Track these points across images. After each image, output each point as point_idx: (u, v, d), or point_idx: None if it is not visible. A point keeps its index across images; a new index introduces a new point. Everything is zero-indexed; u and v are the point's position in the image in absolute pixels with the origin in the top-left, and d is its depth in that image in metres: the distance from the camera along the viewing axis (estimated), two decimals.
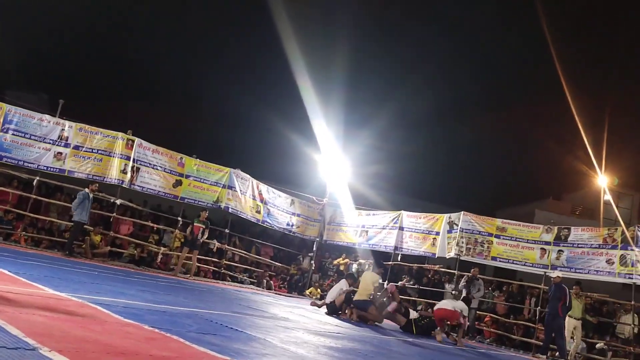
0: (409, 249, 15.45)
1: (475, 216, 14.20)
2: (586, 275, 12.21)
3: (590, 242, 12.28)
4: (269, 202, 16.20)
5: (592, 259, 12.15)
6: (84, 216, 11.82)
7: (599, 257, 12.04)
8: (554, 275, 11.26)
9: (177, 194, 14.07)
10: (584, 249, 12.31)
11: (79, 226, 11.91)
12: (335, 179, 17.95)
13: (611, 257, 11.80)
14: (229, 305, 8.46)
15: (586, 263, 12.23)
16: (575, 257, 12.41)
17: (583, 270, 12.23)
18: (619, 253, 11.70)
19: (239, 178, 15.22)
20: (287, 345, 5.00)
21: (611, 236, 11.97)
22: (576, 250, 12.45)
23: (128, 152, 13.17)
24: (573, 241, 12.55)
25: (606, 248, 11.96)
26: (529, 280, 14.09)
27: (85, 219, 11.92)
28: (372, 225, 16.60)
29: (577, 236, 12.55)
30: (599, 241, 12.14)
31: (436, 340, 9.63)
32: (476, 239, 13.94)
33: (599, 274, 12.02)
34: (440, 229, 14.76)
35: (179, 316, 5.44)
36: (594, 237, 12.30)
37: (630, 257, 11.48)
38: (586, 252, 12.28)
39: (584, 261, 12.28)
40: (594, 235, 12.32)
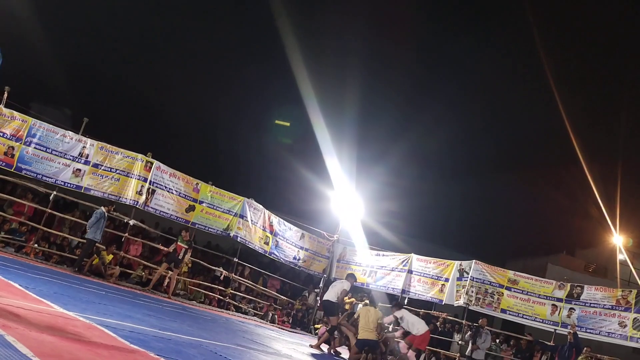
0: (417, 293, 15.24)
1: (487, 266, 14.02)
2: (597, 337, 11.93)
3: (603, 302, 12.04)
4: (279, 234, 16.16)
5: (604, 319, 11.90)
6: (98, 235, 11.88)
7: (611, 319, 11.78)
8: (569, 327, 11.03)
9: (189, 219, 14.11)
10: (597, 309, 12.07)
11: (92, 244, 11.95)
12: (347, 216, 17.92)
13: (624, 319, 11.54)
14: (233, 337, 8.37)
15: (598, 324, 11.98)
16: (587, 317, 12.17)
17: (594, 330, 11.97)
18: (632, 316, 11.45)
19: (252, 208, 15.25)
20: None
21: (625, 298, 11.73)
22: (588, 310, 12.21)
23: (146, 174, 13.29)
24: (585, 300, 12.31)
25: (619, 310, 11.71)
26: (537, 336, 13.79)
27: (99, 238, 11.98)
28: (381, 266, 16.44)
29: (590, 295, 12.32)
30: (612, 302, 11.90)
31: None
32: (486, 289, 13.73)
33: (610, 336, 11.75)
34: (450, 276, 14.58)
35: (184, 345, 5.39)
36: (607, 297, 12.06)
37: None
38: (598, 312, 12.03)
39: (596, 321, 12.03)
40: (607, 296, 12.09)
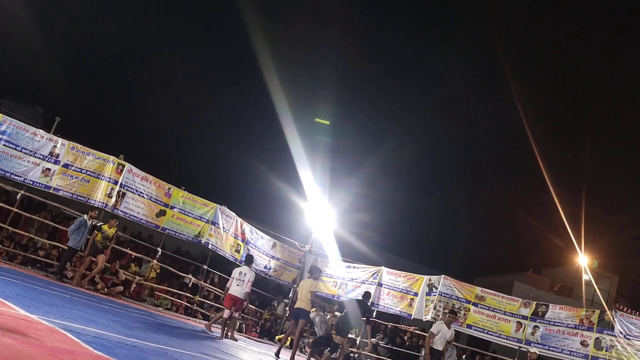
0: (386, 306, 15.29)
1: (455, 281, 14.18)
2: (559, 354, 12.13)
3: (567, 321, 12.27)
4: (251, 242, 16.05)
5: (567, 338, 12.12)
6: (79, 242, 11.69)
7: (574, 338, 12.01)
8: (532, 350, 11.21)
9: (160, 224, 13.92)
10: (560, 328, 12.29)
11: (72, 252, 11.76)
12: (319, 226, 17.93)
13: (586, 339, 11.78)
14: (199, 345, 8.26)
15: (561, 342, 12.19)
16: (551, 335, 12.37)
17: (557, 349, 12.17)
18: (594, 336, 11.69)
19: (224, 215, 15.14)
20: None
21: (588, 318, 11.98)
22: (552, 328, 12.42)
23: (117, 177, 13.09)
24: (550, 318, 12.53)
25: (582, 329, 11.95)
26: (502, 353, 13.96)
27: (79, 246, 11.77)
28: (352, 279, 16.45)
29: (554, 314, 12.55)
30: (576, 321, 12.14)
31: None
32: (454, 304, 13.86)
33: (572, 355, 11.95)
34: (419, 290, 14.67)
35: (149, 352, 5.30)
36: (571, 316, 12.30)
37: (605, 341, 11.47)
38: (562, 330, 12.26)
39: (559, 340, 12.23)
40: (571, 315, 12.33)
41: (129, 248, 14.24)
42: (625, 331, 11.34)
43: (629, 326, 11.38)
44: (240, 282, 11.13)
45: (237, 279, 11.16)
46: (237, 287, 11.10)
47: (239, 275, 11.20)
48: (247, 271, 11.31)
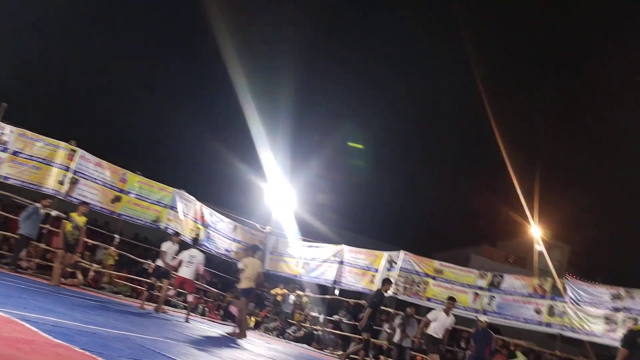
0: (348, 284, 15.50)
1: (414, 256, 14.49)
2: (515, 322, 12.62)
3: (521, 290, 12.75)
4: (211, 226, 15.93)
5: (522, 306, 12.60)
6: (31, 230, 11.26)
7: (528, 306, 12.50)
8: (482, 319, 11.61)
9: (115, 210, 13.63)
10: (515, 297, 12.77)
11: (25, 240, 11.33)
12: (280, 208, 17.93)
13: (540, 306, 12.28)
14: (162, 330, 8.19)
15: (516, 310, 12.66)
16: (506, 304, 12.83)
17: (512, 317, 12.65)
18: (547, 303, 12.20)
19: (183, 199, 14.93)
20: None
21: (541, 286, 12.48)
22: (507, 297, 12.88)
23: (68, 163, 12.69)
24: (505, 288, 12.99)
25: (536, 297, 12.45)
26: (460, 324, 14.40)
27: (32, 234, 11.34)
28: (313, 258, 16.59)
29: (509, 284, 13.01)
30: (530, 290, 12.63)
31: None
32: (413, 279, 14.18)
33: (527, 322, 12.45)
34: (379, 267, 14.93)
35: (110, 339, 5.22)
36: (525, 285, 12.78)
37: (558, 308, 11.99)
38: (517, 299, 12.73)
39: (514, 308, 12.71)
40: (525, 284, 12.81)
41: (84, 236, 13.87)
42: (576, 297, 11.87)
43: (580, 292, 11.91)
44: (190, 264, 11.25)
45: (187, 261, 11.26)
46: (187, 269, 11.22)
47: (189, 258, 11.29)
48: (196, 253, 11.43)
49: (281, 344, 13.13)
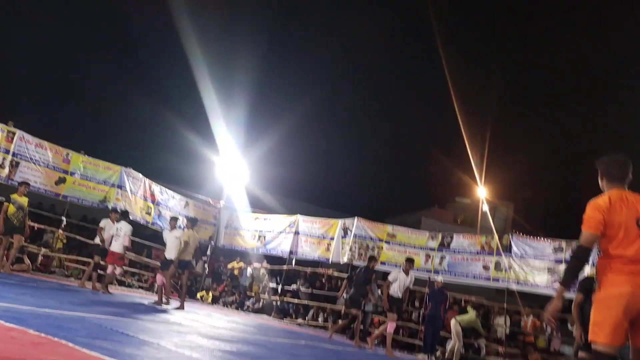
0: (304, 253, 15.68)
1: (368, 222, 14.77)
2: (465, 280, 13.15)
3: (469, 249, 13.26)
4: (162, 203, 15.66)
5: (471, 264, 13.12)
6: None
7: (476, 263, 13.03)
8: (439, 279, 12.05)
9: (60, 192, 13.17)
10: (464, 255, 13.27)
11: None
12: (232, 181, 17.80)
13: (488, 263, 12.83)
14: (119, 309, 8.09)
15: (465, 268, 13.18)
16: (456, 263, 13.33)
17: (462, 274, 13.16)
18: (494, 259, 12.75)
19: (130, 177, 14.58)
20: (181, 349, 4.90)
21: (488, 243, 13.01)
22: (457, 256, 13.38)
23: (8, 146, 12.12)
24: (455, 248, 13.48)
25: (483, 254, 12.98)
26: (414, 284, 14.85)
27: None
28: (269, 230, 16.64)
29: (458, 243, 13.49)
30: (478, 248, 13.15)
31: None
32: (367, 244, 14.48)
33: (476, 279, 12.99)
34: (334, 234, 15.14)
35: (65, 320, 5.13)
36: (473, 244, 13.30)
37: (504, 263, 12.56)
38: (466, 257, 13.24)
39: (464, 266, 13.22)
40: (473, 243, 13.33)
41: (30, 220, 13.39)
42: (521, 252, 12.45)
43: (524, 247, 12.50)
44: (117, 237, 11.24)
45: (115, 235, 11.26)
46: (115, 243, 11.23)
47: (116, 231, 11.28)
48: (122, 225, 11.38)
49: (240, 316, 13.23)
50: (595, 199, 3.51)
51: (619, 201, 3.43)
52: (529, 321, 12.71)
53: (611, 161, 3.62)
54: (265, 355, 5.91)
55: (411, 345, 13.02)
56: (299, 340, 9.45)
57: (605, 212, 3.39)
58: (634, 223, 3.35)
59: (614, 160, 3.61)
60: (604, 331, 3.25)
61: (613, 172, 3.59)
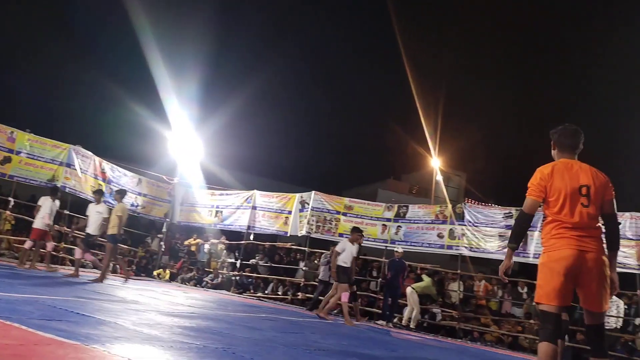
0: (262, 228, 15.68)
1: (325, 195, 14.87)
2: (421, 248, 13.49)
3: (424, 218, 13.58)
4: (113, 181, 15.26)
5: (426, 233, 13.45)
6: None
7: (431, 232, 13.36)
8: (399, 250, 12.32)
9: (6, 172, 12.65)
10: (419, 224, 13.58)
11: None
12: (186, 157, 17.50)
13: (442, 231, 13.17)
14: (72, 290, 7.92)
15: (420, 237, 13.50)
16: (412, 232, 13.63)
17: (418, 243, 13.49)
18: (448, 227, 13.11)
19: (80, 155, 14.12)
20: (139, 327, 4.86)
21: (442, 212, 13.35)
22: (412, 226, 13.67)
23: None
24: (410, 217, 13.76)
25: (437, 223, 13.32)
26: (371, 254, 15.14)
27: None
28: (226, 206, 16.52)
29: (413, 213, 13.79)
30: (432, 217, 13.47)
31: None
32: (325, 217, 14.61)
33: (431, 247, 13.35)
34: (292, 208, 15.19)
35: (17, 303, 4.99)
36: (427, 213, 13.62)
37: (457, 231, 12.93)
38: (421, 227, 13.55)
39: (419, 235, 13.54)
40: (428, 212, 13.65)
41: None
42: (473, 220, 12.84)
43: (477, 215, 12.88)
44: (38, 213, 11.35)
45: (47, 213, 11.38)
46: (38, 220, 11.33)
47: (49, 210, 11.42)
48: (42, 201, 11.45)
49: (199, 293, 13.19)
50: (540, 168, 3.67)
51: (563, 169, 3.59)
52: (481, 285, 13.21)
53: (564, 130, 3.79)
54: (225, 329, 5.93)
55: (370, 313, 13.32)
56: (259, 313, 9.52)
57: (548, 180, 3.55)
58: (576, 190, 3.51)
59: (566, 129, 3.78)
60: (547, 293, 3.44)
61: (565, 141, 3.76)
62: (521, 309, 12.71)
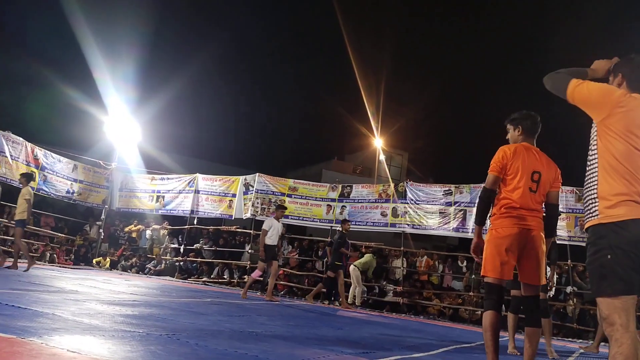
0: (206, 212, 15.47)
1: (269, 177, 14.81)
2: (365, 227, 13.72)
3: (368, 197, 13.79)
4: (47, 168, 14.61)
5: (370, 212, 13.68)
6: None
7: (375, 210, 13.60)
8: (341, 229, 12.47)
9: None
10: (363, 204, 13.80)
11: None
12: (124, 141, 16.93)
13: (385, 210, 13.43)
14: (6, 282, 7.56)
15: (365, 216, 13.73)
16: (356, 211, 13.83)
17: (362, 222, 13.71)
18: (391, 206, 13.38)
19: (10, 142, 13.39)
20: (79, 317, 4.71)
21: (385, 191, 13.60)
22: (357, 205, 13.87)
23: None
24: (354, 197, 13.95)
25: (381, 202, 13.56)
26: (317, 235, 15.28)
27: None
28: (167, 190, 16.16)
29: (357, 193, 13.98)
30: (375, 196, 13.70)
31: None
32: (270, 199, 14.57)
33: (375, 225, 13.60)
34: (236, 191, 15.06)
35: None
36: (371, 192, 13.84)
37: (400, 209, 13.22)
38: (365, 206, 13.77)
39: (363, 214, 13.76)
40: (371, 192, 13.87)
41: None
42: (415, 198, 13.15)
43: (418, 193, 13.21)
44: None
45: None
46: None
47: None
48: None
49: (142, 280, 12.91)
50: (503, 147, 3.92)
51: (524, 152, 3.83)
52: (423, 261, 13.61)
53: (527, 116, 4.01)
54: (169, 316, 5.84)
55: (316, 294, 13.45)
56: (204, 298, 9.43)
57: (510, 159, 3.77)
58: (530, 175, 3.75)
59: (532, 116, 4.02)
60: (493, 267, 3.70)
61: (532, 126, 3.99)
62: (461, 282, 13.20)
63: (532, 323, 3.74)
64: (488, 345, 3.60)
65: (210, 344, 4.08)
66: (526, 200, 3.70)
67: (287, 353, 4.22)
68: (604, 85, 2.55)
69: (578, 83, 2.58)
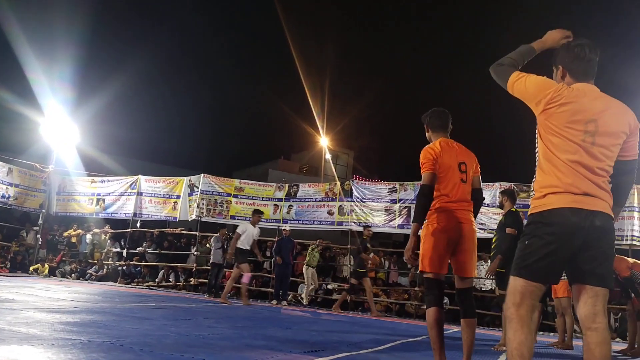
0: (150, 214, 15.11)
1: (215, 178, 14.64)
2: (312, 225, 13.81)
3: (315, 196, 13.88)
4: None
5: (317, 210, 13.78)
6: None
7: (322, 209, 13.71)
8: (287, 228, 12.48)
9: None
10: (310, 203, 13.88)
11: None
12: (62, 143, 16.27)
13: (332, 208, 13.56)
14: None
15: (312, 215, 13.81)
16: (303, 210, 13.89)
17: (309, 221, 13.78)
18: (337, 204, 13.51)
19: None
20: (16, 327, 4.51)
21: (331, 190, 13.72)
22: (303, 204, 13.94)
23: None
24: (301, 196, 14.01)
25: (327, 201, 13.68)
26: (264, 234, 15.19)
27: None
28: (108, 193, 15.67)
29: (304, 192, 14.04)
30: (322, 195, 13.81)
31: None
32: (216, 199, 14.40)
33: (322, 224, 13.71)
34: (181, 192, 14.79)
35: None
36: (318, 191, 13.93)
37: (347, 207, 13.38)
38: (312, 205, 13.86)
39: (310, 213, 13.84)
40: (318, 190, 13.97)
41: None
42: (361, 195, 13.34)
43: (364, 191, 13.41)
44: None
45: None
46: None
47: None
48: None
49: (83, 286, 12.48)
50: (428, 146, 3.94)
51: (446, 147, 3.92)
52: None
53: (433, 113, 4.10)
54: (112, 322, 5.69)
55: (264, 294, 13.43)
56: (149, 302, 9.22)
57: (438, 155, 3.83)
58: (457, 167, 3.86)
59: (436, 112, 4.10)
60: (432, 262, 3.75)
61: (436, 122, 4.08)
62: (407, 277, 13.50)
63: (469, 314, 3.84)
64: (435, 342, 3.65)
65: (156, 349, 4.01)
66: (459, 193, 3.79)
67: (234, 355, 4.19)
68: (541, 79, 2.59)
69: (517, 77, 2.62)
